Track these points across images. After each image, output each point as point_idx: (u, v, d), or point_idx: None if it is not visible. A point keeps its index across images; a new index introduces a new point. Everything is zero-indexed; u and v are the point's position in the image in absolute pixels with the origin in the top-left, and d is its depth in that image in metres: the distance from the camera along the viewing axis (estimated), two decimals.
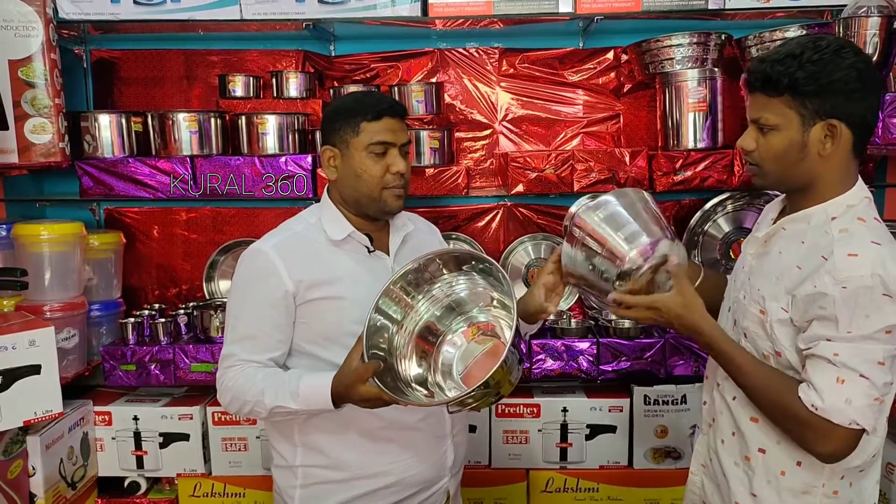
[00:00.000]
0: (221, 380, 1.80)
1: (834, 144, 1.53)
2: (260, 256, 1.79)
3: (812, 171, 1.57)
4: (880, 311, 1.42)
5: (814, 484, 1.60)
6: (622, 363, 2.71)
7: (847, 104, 1.51)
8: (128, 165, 2.78)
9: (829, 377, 1.46)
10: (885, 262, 1.42)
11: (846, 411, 1.45)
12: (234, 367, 1.78)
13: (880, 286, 1.41)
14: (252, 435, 2.84)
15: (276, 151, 2.81)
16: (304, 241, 1.83)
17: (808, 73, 1.50)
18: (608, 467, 2.80)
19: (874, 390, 1.45)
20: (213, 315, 2.79)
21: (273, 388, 1.73)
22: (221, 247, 3.09)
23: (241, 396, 1.75)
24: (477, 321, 1.84)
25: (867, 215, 1.53)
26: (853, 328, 1.44)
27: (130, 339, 2.81)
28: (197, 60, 3.11)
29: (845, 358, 1.45)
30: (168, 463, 2.86)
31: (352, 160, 1.81)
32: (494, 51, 3.05)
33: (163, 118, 2.82)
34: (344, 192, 1.85)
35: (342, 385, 1.66)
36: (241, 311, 1.80)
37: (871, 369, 1.44)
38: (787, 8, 2.72)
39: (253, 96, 2.97)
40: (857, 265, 1.44)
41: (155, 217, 3.13)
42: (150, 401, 2.90)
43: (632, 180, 2.69)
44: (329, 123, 1.84)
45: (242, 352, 1.78)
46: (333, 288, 1.79)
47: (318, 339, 1.81)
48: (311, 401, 1.71)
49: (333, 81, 3.07)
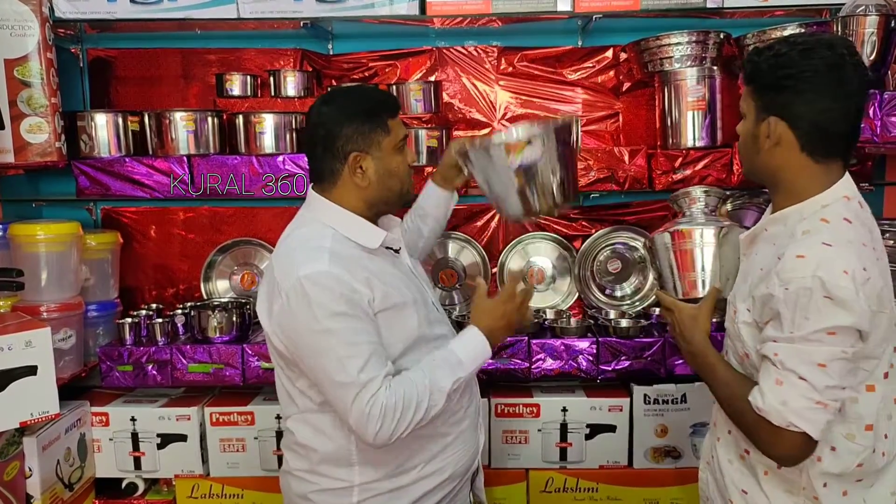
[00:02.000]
0: (376, 408, 1.59)
1: (771, 142, 1.54)
2: (326, 277, 1.62)
3: (768, 166, 1.59)
4: (819, 313, 1.41)
5: (791, 490, 1.60)
6: (622, 362, 2.70)
7: (795, 105, 1.51)
8: (124, 165, 2.77)
9: (771, 378, 1.48)
10: (830, 265, 1.41)
11: (783, 412, 1.45)
12: (382, 387, 1.61)
13: (820, 288, 1.40)
14: (250, 436, 2.82)
15: (274, 151, 2.80)
16: (345, 255, 1.69)
17: (767, 66, 1.53)
18: (608, 467, 2.79)
19: (814, 393, 1.43)
20: (210, 315, 2.77)
21: (439, 372, 1.68)
22: (219, 246, 3.08)
23: (412, 404, 1.62)
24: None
25: (835, 216, 1.50)
26: (794, 329, 1.44)
27: (127, 340, 2.80)
28: (194, 59, 3.09)
29: (784, 358, 1.45)
30: (166, 464, 2.84)
31: (386, 161, 1.75)
32: (493, 49, 3.04)
33: (159, 117, 2.80)
34: (373, 195, 1.76)
35: (486, 317, 1.76)
36: (348, 335, 1.62)
37: (810, 371, 1.43)
38: (785, 6, 2.72)
39: (250, 95, 2.95)
40: (801, 266, 1.43)
41: (152, 217, 3.12)
42: (148, 402, 2.89)
43: (631, 179, 2.68)
44: (350, 127, 1.72)
45: (378, 370, 1.62)
46: (390, 297, 1.71)
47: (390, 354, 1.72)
48: (474, 358, 1.74)
49: (332, 80, 3.05)
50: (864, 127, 2.39)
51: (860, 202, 1.58)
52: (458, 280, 3.03)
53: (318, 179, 1.80)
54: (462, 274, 3.05)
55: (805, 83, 1.49)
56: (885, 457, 1.59)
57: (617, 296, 3.04)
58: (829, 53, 1.48)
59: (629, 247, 3.00)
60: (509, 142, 1.86)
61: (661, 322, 2.84)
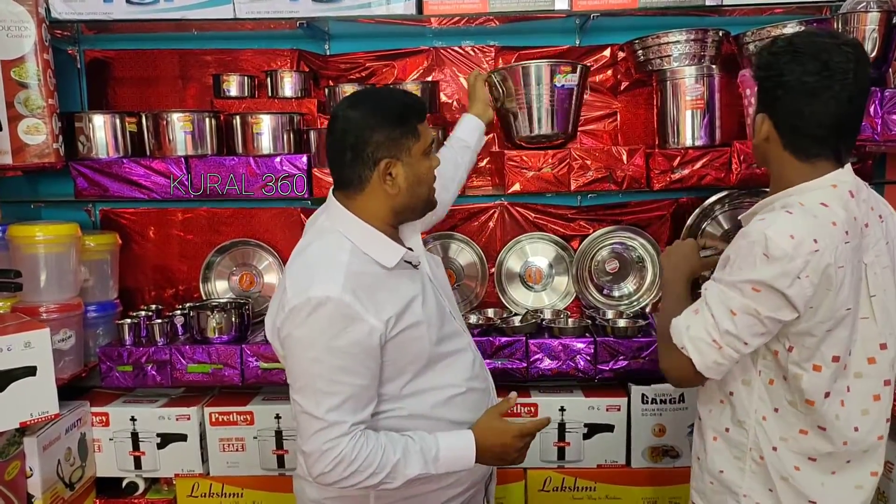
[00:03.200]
0: (332, 452, 1.58)
1: (761, 137, 1.64)
2: (334, 304, 1.56)
3: (762, 158, 1.71)
4: (751, 266, 1.51)
5: (738, 455, 1.71)
6: (619, 362, 2.69)
7: (776, 107, 1.60)
8: (122, 166, 2.77)
9: (693, 307, 1.65)
10: (780, 227, 1.50)
11: (682, 334, 1.62)
12: (348, 435, 1.59)
13: (762, 244, 1.50)
14: (249, 435, 2.83)
15: (271, 151, 2.79)
16: (363, 273, 1.63)
17: (761, 62, 1.63)
18: (606, 466, 2.79)
19: (714, 332, 1.57)
20: (209, 315, 2.78)
21: (412, 457, 1.66)
22: (218, 247, 3.08)
23: (368, 469, 1.61)
24: None
25: (813, 200, 1.57)
26: (726, 274, 1.58)
27: (127, 340, 2.81)
28: (191, 60, 3.09)
29: (708, 295, 1.61)
30: (166, 463, 2.85)
31: (416, 166, 1.69)
32: (490, 49, 3.03)
33: (157, 118, 2.80)
34: (401, 202, 1.71)
35: (488, 435, 1.74)
36: (332, 371, 1.58)
37: (721, 312, 1.56)
38: (785, 4, 2.71)
39: (248, 96, 2.96)
40: (757, 226, 1.54)
41: (150, 218, 3.12)
42: (148, 402, 2.90)
43: (629, 178, 2.67)
44: (381, 133, 1.65)
45: (349, 415, 1.59)
46: (409, 316, 1.67)
47: (401, 373, 1.71)
48: (453, 462, 1.71)
49: (328, 81, 3.05)
50: (865, 125, 2.37)
51: (852, 191, 1.61)
52: (456, 280, 3.03)
53: (343, 186, 1.72)
54: (461, 273, 3.05)
55: (784, 88, 1.57)
56: (848, 446, 1.64)
57: (615, 296, 3.03)
58: (815, 60, 1.53)
59: (627, 247, 3.00)
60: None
61: None
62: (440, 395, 1.77)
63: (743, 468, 1.70)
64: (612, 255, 3.00)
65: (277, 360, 2.71)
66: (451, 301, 1.90)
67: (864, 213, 1.63)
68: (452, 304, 1.91)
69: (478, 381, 1.87)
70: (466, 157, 2.34)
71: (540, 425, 1.82)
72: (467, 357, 1.84)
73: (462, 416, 1.80)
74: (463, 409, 1.81)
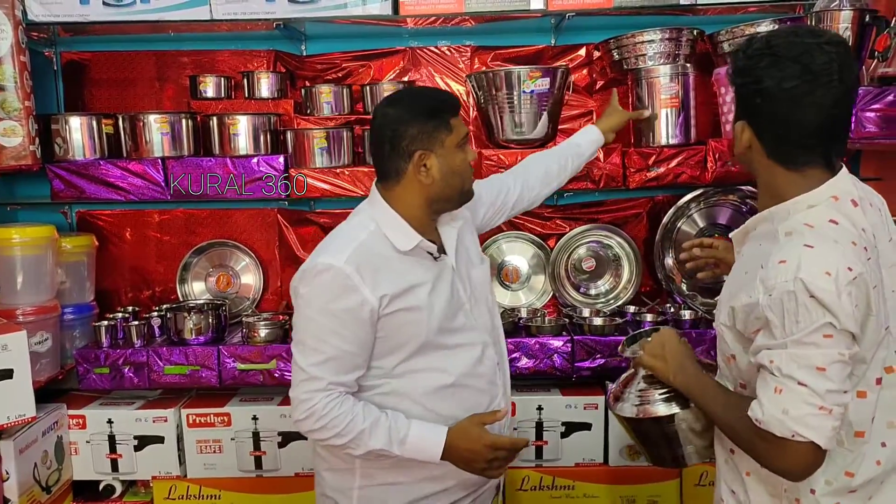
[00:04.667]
0: (308, 403, 1.72)
1: (743, 145, 1.52)
2: (335, 273, 1.69)
3: (747, 166, 1.57)
4: (809, 315, 1.35)
5: (773, 493, 1.55)
6: (597, 360, 2.70)
7: (758, 115, 1.47)
8: (99, 168, 2.77)
9: (769, 388, 1.40)
10: (810, 266, 1.35)
11: (785, 422, 1.37)
12: (325, 391, 1.72)
13: (803, 290, 1.34)
14: (227, 437, 2.82)
15: (248, 152, 2.80)
16: (373, 251, 1.75)
17: (737, 67, 1.50)
18: (584, 465, 2.79)
19: (815, 398, 1.35)
20: (186, 317, 2.78)
21: (379, 431, 1.73)
22: (195, 248, 3.08)
23: (335, 428, 1.72)
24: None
25: (820, 219, 1.44)
26: (786, 334, 1.37)
27: (104, 343, 2.80)
28: (168, 61, 3.09)
29: (780, 364, 1.37)
30: (143, 466, 2.84)
31: (449, 158, 1.77)
32: (466, 49, 3.03)
33: (134, 120, 2.80)
34: (436, 193, 1.79)
35: (461, 437, 1.75)
36: (322, 331, 1.72)
37: (809, 376, 1.35)
38: (758, 2, 2.72)
39: (224, 97, 2.96)
40: (782, 271, 1.37)
41: (127, 219, 3.12)
42: (125, 404, 2.89)
43: (606, 177, 2.68)
44: (414, 126, 1.75)
45: (329, 374, 1.72)
46: (410, 299, 1.75)
47: (394, 351, 1.79)
48: (418, 450, 1.75)
49: (305, 81, 3.05)
50: None
51: (854, 200, 1.48)
52: None
53: (383, 178, 1.83)
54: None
55: (763, 95, 1.44)
56: (882, 465, 1.50)
57: (592, 294, 3.04)
58: (793, 65, 1.41)
59: (603, 245, 3.01)
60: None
61: (635, 319, 2.85)
62: (430, 381, 1.80)
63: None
64: (588, 253, 3.01)
65: (255, 361, 2.74)
66: (478, 300, 1.91)
67: (871, 222, 1.50)
68: (478, 302, 1.92)
69: (477, 381, 1.86)
70: (575, 162, 2.40)
71: (517, 444, 1.82)
72: (471, 353, 1.85)
73: (453, 412, 1.81)
74: (454, 404, 1.82)
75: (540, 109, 2.70)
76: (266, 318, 2.85)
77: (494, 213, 2.18)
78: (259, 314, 2.95)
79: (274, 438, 2.82)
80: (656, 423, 1.73)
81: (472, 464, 1.77)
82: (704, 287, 2.95)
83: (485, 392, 1.88)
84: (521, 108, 2.70)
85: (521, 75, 2.67)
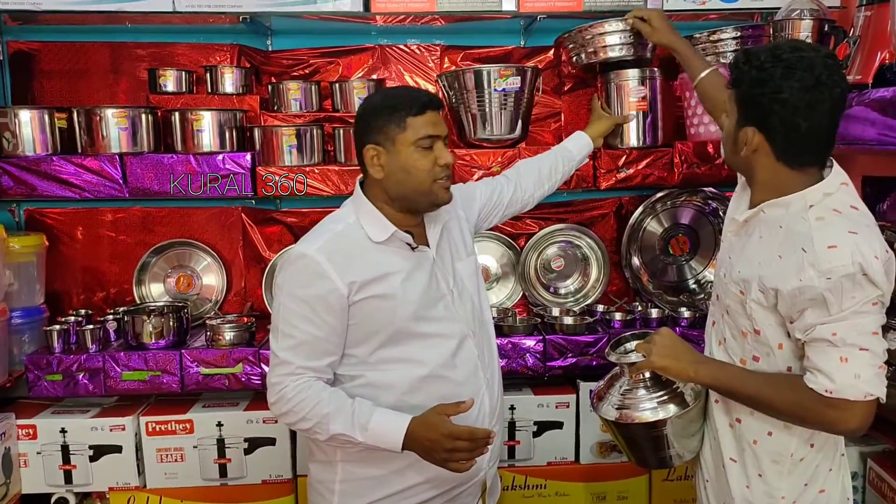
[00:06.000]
0: (279, 386, 1.77)
1: (749, 150, 1.62)
2: (307, 261, 1.75)
3: (746, 166, 1.68)
4: (863, 290, 1.50)
5: (781, 452, 1.68)
6: (568, 359, 2.72)
7: (771, 120, 1.58)
8: (52, 164, 2.64)
9: (833, 358, 1.53)
10: (862, 250, 1.50)
11: (858, 386, 1.52)
12: (295, 375, 1.77)
13: (860, 271, 1.49)
14: (189, 445, 2.72)
15: (213, 149, 2.71)
16: (348, 240, 1.80)
17: (751, 78, 1.59)
18: (555, 463, 2.81)
19: (877, 359, 1.53)
20: (146, 320, 2.66)
21: (342, 415, 1.74)
22: (153, 248, 2.96)
23: (301, 412, 1.76)
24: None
25: (843, 204, 1.59)
26: (844, 308, 1.51)
27: (56, 348, 2.66)
28: (123, 53, 2.97)
29: (843, 335, 1.52)
30: (99, 477, 2.71)
31: (399, 156, 1.78)
32: (436, 48, 3.02)
33: (90, 114, 2.67)
34: (391, 189, 1.81)
35: (422, 426, 1.73)
36: (293, 316, 1.77)
37: (869, 340, 1.53)
38: (718, 10, 2.80)
39: (186, 91, 2.87)
40: (837, 256, 1.51)
41: (78, 218, 2.97)
42: (79, 412, 2.75)
43: (577, 177, 2.71)
44: (369, 122, 1.80)
45: (299, 358, 1.77)
46: (382, 286, 1.78)
47: (368, 339, 1.81)
48: (380, 437, 1.74)
49: (271, 77, 2.98)
50: None
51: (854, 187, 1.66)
52: None
53: (362, 170, 1.88)
54: None
55: (781, 103, 1.55)
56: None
57: (561, 293, 3.07)
58: (808, 75, 1.54)
59: (573, 245, 3.04)
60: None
61: (604, 318, 2.88)
62: (405, 372, 1.82)
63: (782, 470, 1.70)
64: (557, 252, 3.04)
65: (218, 365, 2.65)
66: (461, 292, 1.92)
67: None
68: (462, 294, 1.93)
69: (454, 373, 1.85)
70: (567, 165, 2.44)
71: (475, 434, 1.74)
72: (447, 343, 1.85)
73: (429, 405, 1.78)
74: (430, 396, 1.80)
75: (511, 109, 2.71)
76: (231, 321, 2.76)
77: (490, 211, 2.20)
78: (223, 316, 2.86)
79: (240, 445, 2.73)
80: (646, 427, 1.76)
81: (432, 453, 1.74)
82: (669, 286, 3.02)
83: (463, 385, 1.87)
84: (491, 107, 2.70)
85: (491, 74, 2.67)
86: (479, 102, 2.69)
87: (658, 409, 1.75)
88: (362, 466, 1.84)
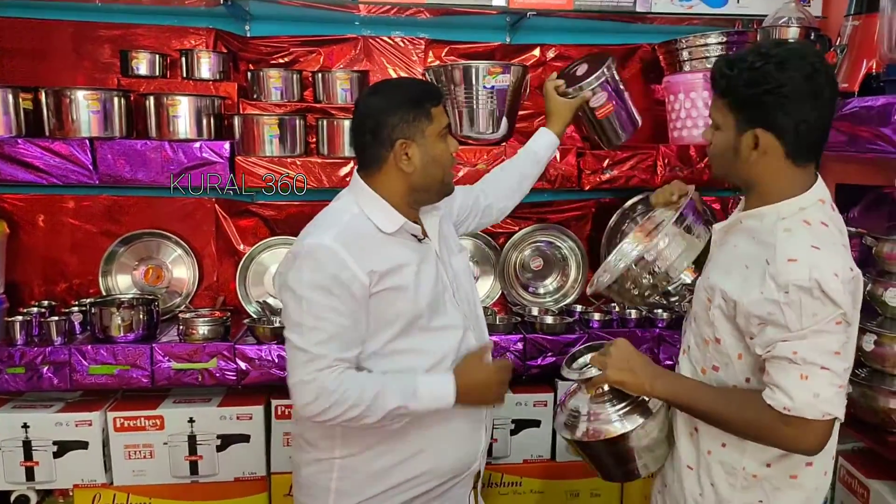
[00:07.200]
0: (314, 383, 1.70)
1: (759, 153, 1.58)
2: (326, 251, 1.71)
3: (748, 174, 1.63)
4: (823, 307, 1.48)
5: (734, 466, 1.66)
6: (547, 358, 2.73)
7: (778, 117, 1.55)
8: (16, 146, 2.50)
9: (793, 376, 1.50)
10: (821, 266, 1.48)
11: (816, 405, 1.50)
12: (331, 368, 1.71)
13: (817, 288, 1.47)
14: (159, 441, 2.65)
15: (190, 136, 2.61)
16: (359, 231, 1.77)
17: (745, 80, 1.55)
18: (531, 461, 2.83)
19: (836, 378, 1.50)
20: (114, 313, 2.57)
21: (390, 390, 1.72)
22: (120, 238, 2.85)
23: (348, 400, 1.69)
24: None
25: (814, 218, 1.57)
26: (804, 325, 1.49)
27: (18, 340, 2.55)
28: (87, 33, 2.83)
29: (804, 354, 1.49)
30: (63, 473, 2.62)
31: (430, 148, 1.80)
32: (420, 41, 2.97)
33: (59, 95, 2.54)
34: (418, 181, 1.81)
35: (468, 372, 1.79)
36: (320, 309, 1.70)
37: (830, 360, 1.50)
38: (701, 15, 2.81)
39: (159, 75, 2.75)
40: (794, 270, 1.49)
41: (40, 205, 2.85)
42: (42, 407, 2.64)
43: (561, 177, 2.70)
44: (396, 115, 1.77)
45: (334, 351, 1.71)
46: (397, 278, 1.77)
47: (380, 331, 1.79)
48: (434, 397, 1.75)
49: (249, 64, 2.89)
50: None
51: (832, 205, 1.65)
52: None
53: (364, 166, 1.85)
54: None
55: (785, 96, 1.53)
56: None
57: (540, 293, 3.07)
58: (803, 63, 1.52)
59: (552, 245, 3.05)
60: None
61: (583, 318, 2.90)
62: (413, 362, 1.81)
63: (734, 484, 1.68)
64: (536, 252, 3.04)
65: (191, 360, 2.58)
66: (460, 285, 1.94)
67: (842, 224, 1.65)
68: (460, 288, 1.94)
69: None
70: (535, 170, 2.41)
71: (505, 362, 1.93)
72: (454, 335, 1.87)
73: None
74: None
75: (498, 106, 2.68)
76: (205, 315, 2.68)
77: (468, 213, 2.20)
78: (197, 310, 2.77)
79: (212, 441, 2.67)
80: (610, 443, 1.75)
81: (486, 393, 1.83)
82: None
83: None
84: (478, 104, 2.67)
85: (480, 71, 2.64)
86: (467, 99, 2.65)
87: (622, 421, 1.73)
88: (366, 461, 1.82)
